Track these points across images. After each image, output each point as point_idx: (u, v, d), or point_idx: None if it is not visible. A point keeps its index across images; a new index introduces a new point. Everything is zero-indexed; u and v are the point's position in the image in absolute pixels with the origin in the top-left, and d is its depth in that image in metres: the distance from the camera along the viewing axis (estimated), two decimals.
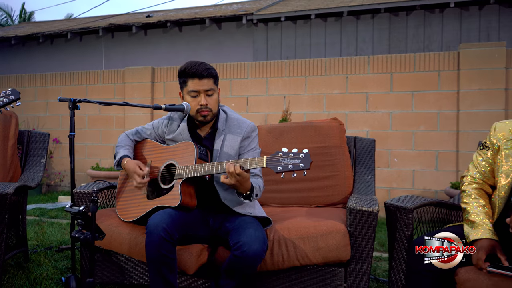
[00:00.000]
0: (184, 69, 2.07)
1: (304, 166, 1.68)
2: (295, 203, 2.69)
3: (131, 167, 2.09)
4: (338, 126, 2.78)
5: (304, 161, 1.68)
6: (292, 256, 1.98)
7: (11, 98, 2.11)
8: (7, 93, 2.11)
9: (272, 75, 5.42)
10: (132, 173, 2.09)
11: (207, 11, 7.99)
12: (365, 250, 1.98)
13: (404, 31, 6.13)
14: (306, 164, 1.68)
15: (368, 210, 1.94)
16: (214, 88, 2.09)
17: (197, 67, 2.05)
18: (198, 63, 2.07)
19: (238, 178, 1.81)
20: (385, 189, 4.96)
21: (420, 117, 4.83)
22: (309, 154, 1.68)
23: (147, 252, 1.87)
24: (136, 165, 2.09)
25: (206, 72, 2.04)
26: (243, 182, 1.84)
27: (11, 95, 2.11)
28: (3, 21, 17.25)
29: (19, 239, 2.92)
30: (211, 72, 2.07)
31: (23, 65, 8.37)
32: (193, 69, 2.05)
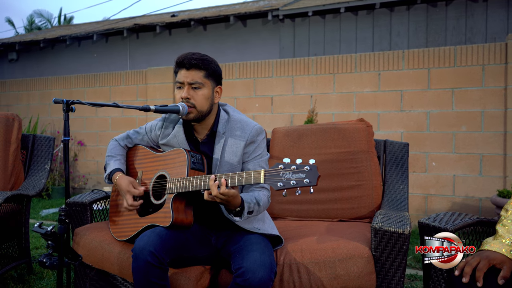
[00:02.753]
0: (176, 59, 1.81)
1: (309, 181, 1.36)
2: (315, 217, 2.36)
3: (124, 186, 1.83)
4: (365, 128, 2.43)
5: (310, 176, 1.36)
6: (305, 284, 1.66)
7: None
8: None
9: (298, 73, 5.09)
10: (124, 193, 1.83)
11: (232, 8, 7.76)
12: (394, 279, 1.63)
13: (443, 23, 5.63)
14: (312, 179, 1.36)
15: (397, 231, 1.59)
16: (203, 83, 1.79)
17: (187, 56, 1.77)
18: (191, 53, 1.79)
19: (222, 198, 1.55)
20: (421, 196, 4.52)
21: (462, 117, 4.36)
22: (316, 167, 1.36)
23: (134, 279, 1.62)
24: (129, 184, 1.83)
25: (195, 61, 1.76)
26: (230, 200, 1.57)
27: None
28: (44, 26, 17.80)
29: (21, 250, 2.75)
30: (202, 63, 1.77)
31: (52, 68, 8.43)
32: (182, 58, 1.78)
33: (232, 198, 1.57)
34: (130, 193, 1.82)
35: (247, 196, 1.70)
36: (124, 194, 1.84)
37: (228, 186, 1.56)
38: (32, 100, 6.99)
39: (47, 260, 1.36)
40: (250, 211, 1.67)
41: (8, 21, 18.95)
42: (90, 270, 2.08)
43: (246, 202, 1.65)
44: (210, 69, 1.81)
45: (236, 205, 1.61)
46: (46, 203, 5.63)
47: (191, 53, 1.81)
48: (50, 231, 1.35)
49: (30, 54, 8.77)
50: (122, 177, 1.88)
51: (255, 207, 1.68)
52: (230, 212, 1.67)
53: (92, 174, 6.47)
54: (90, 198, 2.15)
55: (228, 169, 1.81)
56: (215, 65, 1.84)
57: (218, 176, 1.59)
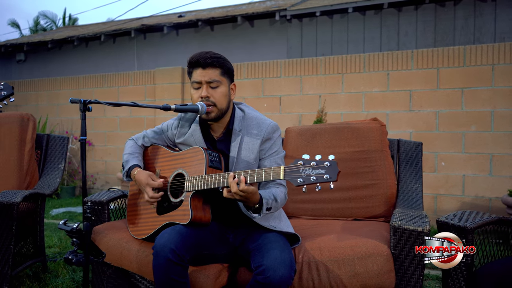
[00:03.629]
0: (190, 59, 1.82)
1: (330, 177, 1.37)
2: (330, 215, 2.37)
3: (143, 179, 1.85)
4: (379, 127, 2.44)
5: (330, 171, 1.37)
6: (325, 282, 1.67)
7: (3, 93, 1.91)
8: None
9: (307, 73, 5.10)
10: (144, 186, 1.84)
11: (240, 9, 7.77)
12: (413, 277, 1.64)
13: (451, 23, 5.62)
14: (332, 174, 1.37)
15: (417, 229, 1.60)
16: (220, 80, 1.80)
17: (201, 55, 1.78)
18: (204, 52, 1.80)
19: (242, 195, 1.55)
20: (431, 196, 4.52)
21: (471, 117, 4.36)
22: (336, 162, 1.37)
23: (155, 276, 1.63)
24: (148, 177, 1.85)
25: (210, 60, 1.77)
26: (249, 197, 1.58)
27: (3, 90, 1.92)
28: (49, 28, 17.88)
29: (36, 248, 2.77)
30: (217, 61, 1.79)
31: (60, 68, 8.47)
32: (196, 57, 1.79)
33: (251, 195, 1.58)
34: (149, 185, 1.83)
35: (265, 193, 1.71)
36: (143, 188, 1.85)
37: (247, 183, 1.57)
38: (41, 101, 7.03)
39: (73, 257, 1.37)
40: (269, 208, 1.68)
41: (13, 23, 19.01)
42: (107, 268, 2.10)
43: (265, 199, 1.65)
44: (225, 67, 1.83)
45: (255, 202, 1.62)
46: (56, 203, 5.66)
47: (204, 52, 1.82)
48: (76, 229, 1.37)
49: (37, 55, 8.82)
50: (141, 171, 1.89)
51: (273, 204, 1.69)
52: (248, 209, 1.68)
53: (101, 174, 6.50)
54: (108, 197, 2.17)
55: (244, 167, 1.82)
56: (228, 62, 1.86)
57: (237, 174, 1.61)
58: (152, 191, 1.83)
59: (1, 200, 2.12)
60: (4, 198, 2.15)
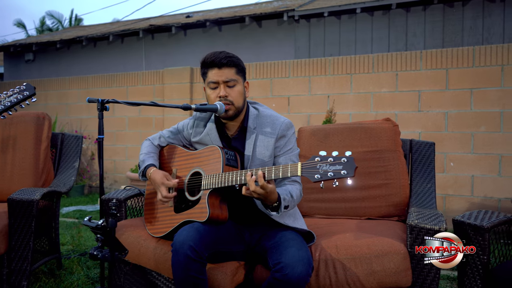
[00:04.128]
0: (204, 59, 1.84)
1: (347, 173, 1.39)
2: (343, 215, 2.39)
3: (158, 179, 1.88)
4: (392, 128, 2.46)
5: (347, 167, 1.39)
6: (342, 280, 1.70)
7: (26, 94, 1.95)
8: (21, 88, 1.95)
9: (315, 73, 5.12)
10: (158, 185, 1.87)
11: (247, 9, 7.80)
12: (429, 276, 1.66)
13: (460, 23, 5.62)
14: (349, 170, 1.39)
15: (433, 228, 1.62)
16: (237, 79, 1.84)
17: (216, 55, 1.81)
18: (219, 52, 1.83)
19: (261, 192, 1.57)
20: (440, 196, 4.52)
21: (480, 117, 4.36)
22: (353, 158, 1.39)
23: (173, 273, 1.66)
24: (164, 177, 1.87)
25: (225, 60, 1.80)
26: (267, 195, 1.59)
27: (26, 91, 1.96)
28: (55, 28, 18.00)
29: (52, 245, 2.82)
30: (232, 60, 1.82)
31: (68, 68, 8.53)
32: (211, 58, 1.81)
33: (269, 193, 1.59)
34: (164, 185, 1.86)
35: (281, 190, 1.72)
36: (158, 187, 1.88)
37: (265, 180, 1.58)
38: (50, 100, 7.09)
39: (98, 252, 1.41)
40: (286, 206, 1.70)
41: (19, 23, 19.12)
42: (125, 265, 2.13)
43: (282, 197, 1.67)
44: (240, 66, 1.86)
45: (273, 201, 1.64)
46: (65, 201, 5.71)
47: (217, 52, 1.85)
48: (100, 225, 1.40)
49: (46, 55, 8.89)
50: (156, 171, 1.92)
51: (290, 201, 1.72)
52: (267, 208, 1.70)
53: (109, 173, 6.55)
54: (125, 195, 2.20)
55: (259, 164, 1.85)
56: (241, 61, 1.89)
57: (254, 171, 1.63)
58: (166, 191, 1.86)
59: (21, 198, 2.16)
60: (24, 195, 2.19)
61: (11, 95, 1.91)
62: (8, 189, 2.66)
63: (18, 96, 1.91)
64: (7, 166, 2.75)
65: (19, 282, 2.16)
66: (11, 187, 2.66)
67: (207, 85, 1.87)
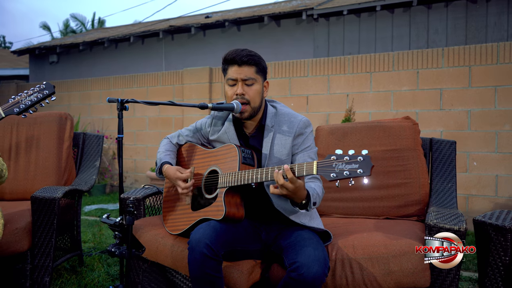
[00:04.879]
0: (226, 56, 1.85)
1: (363, 172, 1.36)
2: (361, 214, 2.37)
3: (171, 173, 1.90)
4: (411, 126, 2.42)
5: (363, 166, 1.36)
6: (358, 279, 1.68)
7: (45, 93, 1.99)
8: (41, 87, 2.00)
9: (334, 72, 5.08)
10: (174, 180, 1.89)
11: (266, 8, 7.80)
12: (449, 277, 1.63)
13: (483, 19, 5.48)
14: (366, 169, 1.36)
15: (453, 228, 1.59)
16: (256, 78, 1.83)
17: (237, 52, 1.81)
18: (240, 49, 1.82)
19: (290, 187, 1.54)
20: (463, 196, 4.42)
21: (505, 115, 4.24)
22: (369, 157, 1.36)
23: (190, 270, 1.68)
24: (176, 170, 1.89)
25: (246, 58, 1.79)
26: (296, 191, 1.56)
27: (45, 90, 2.00)
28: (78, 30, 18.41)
29: (73, 242, 2.88)
30: (253, 59, 1.81)
31: (91, 69, 8.71)
32: (232, 55, 1.81)
33: (298, 189, 1.56)
34: (178, 178, 1.87)
35: (307, 187, 1.69)
36: (174, 181, 1.89)
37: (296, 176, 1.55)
38: (73, 101, 7.25)
39: (116, 249, 1.43)
40: (314, 202, 1.67)
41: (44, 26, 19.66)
42: (143, 263, 2.16)
43: (311, 195, 1.64)
44: (260, 65, 1.85)
45: (302, 197, 1.60)
46: (88, 200, 5.83)
47: (239, 49, 1.85)
48: (118, 222, 1.42)
49: (69, 56, 9.09)
50: (170, 167, 1.94)
51: (318, 198, 1.69)
52: (295, 205, 1.66)
53: (130, 172, 6.65)
54: (143, 193, 2.24)
55: (276, 163, 1.84)
56: (263, 60, 1.88)
57: (270, 169, 1.62)
58: (183, 182, 1.86)
59: (44, 196, 2.22)
60: (46, 193, 2.24)
61: (31, 94, 1.96)
62: (32, 187, 2.74)
63: (38, 95, 1.96)
64: (30, 166, 2.83)
65: (41, 278, 2.22)
66: (34, 186, 2.74)
67: (226, 82, 1.88)
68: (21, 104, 1.95)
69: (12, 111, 1.94)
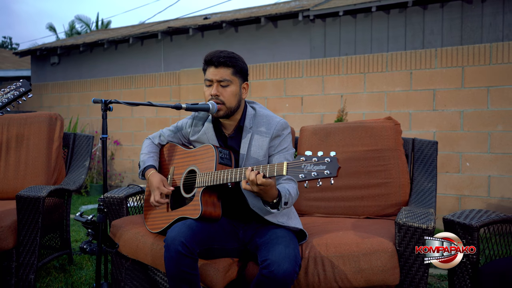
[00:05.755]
0: (205, 57, 1.88)
1: (330, 173, 1.39)
2: (342, 213, 2.39)
3: (155, 183, 1.93)
4: (393, 126, 2.44)
5: (330, 167, 1.40)
6: (330, 277, 1.71)
7: (22, 90, 2.03)
8: (17, 85, 2.03)
9: (328, 73, 5.10)
10: (154, 189, 1.92)
11: (264, 10, 7.83)
12: (418, 274, 1.65)
13: (479, 20, 5.48)
14: (332, 170, 1.39)
15: (421, 227, 1.61)
16: (231, 80, 1.86)
17: (215, 54, 1.84)
18: (220, 51, 1.86)
19: (260, 188, 1.58)
20: (455, 197, 4.43)
21: (498, 116, 4.24)
22: (337, 158, 1.39)
23: (166, 268, 1.71)
24: (160, 182, 1.92)
25: (223, 59, 1.82)
26: (267, 190, 1.59)
27: (22, 87, 2.03)
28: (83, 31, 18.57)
29: (63, 241, 2.92)
30: (230, 60, 1.84)
31: (91, 70, 8.78)
32: (210, 56, 1.85)
33: (269, 187, 1.59)
34: (159, 190, 1.91)
35: (280, 187, 1.73)
36: (153, 190, 1.93)
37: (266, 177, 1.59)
38: (72, 102, 7.32)
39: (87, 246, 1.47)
40: (286, 202, 1.70)
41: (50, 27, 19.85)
42: (125, 261, 2.20)
43: (282, 193, 1.68)
44: (238, 67, 1.88)
45: (273, 196, 1.64)
46: (85, 200, 5.89)
47: (219, 51, 1.88)
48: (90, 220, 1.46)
49: (70, 58, 9.17)
50: (155, 174, 1.97)
51: (289, 198, 1.72)
52: (267, 204, 1.69)
53: (128, 172, 6.71)
54: (126, 193, 2.27)
55: (253, 163, 1.87)
56: (242, 62, 1.90)
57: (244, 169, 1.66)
58: (159, 196, 1.91)
59: (29, 195, 2.26)
60: (31, 192, 2.29)
61: (8, 92, 2.00)
62: (22, 186, 2.78)
63: (14, 93, 2.00)
64: (20, 165, 2.88)
65: (26, 275, 2.26)
66: (24, 185, 2.79)
67: (204, 82, 1.92)
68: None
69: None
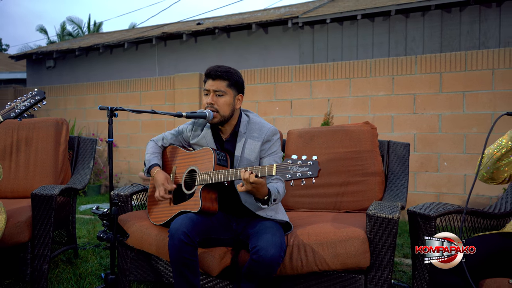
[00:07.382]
0: (205, 71, 2.17)
1: (312, 173, 1.67)
2: (325, 208, 2.67)
3: (160, 180, 2.20)
4: (370, 130, 2.73)
5: (312, 169, 1.68)
6: (311, 261, 1.98)
7: (37, 98, 2.28)
8: (33, 94, 2.29)
9: (316, 78, 5.39)
10: (159, 185, 2.19)
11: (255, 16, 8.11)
12: (385, 258, 1.93)
13: (457, 28, 5.81)
14: (314, 171, 1.67)
15: (387, 217, 1.89)
16: (226, 91, 2.13)
17: (214, 68, 2.13)
18: (217, 66, 2.15)
19: (253, 185, 1.85)
20: (434, 195, 4.74)
21: (473, 119, 4.57)
22: (318, 162, 1.68)
23: (169, 255, 1.97)
24: (165, 179, 2.19)
25: (220, 73, 2.11)
26: (259, 188, 1.87)
27: (37, 95, 2.29)
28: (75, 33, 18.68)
29: (69, 236, 3.17)
30: (226, 74, 2.12)
31: (86, 74, 8.99)
32: (209, 70, 2.14)
33: (261, 186, 1.86)
34: (164, 186, 2.18)
35: (270, 186, 2.02)
36: (158, 186, 2.20)
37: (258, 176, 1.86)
38: (69, 105, 7.53)
39: (104, 235, 1.72)
40: (275, 199, 1.98)
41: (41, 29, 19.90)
42: (130, 252, 2.46)
43: (271, 191, 1.96)
44: (232, 80, 2.16)
45: (264, 194, 1.91)
46: (83, 200, 6.11)
47: (217, 66, 2.17)
48: (106, 212, 1.71)
49: (66, 61, 9.37)
50: (160, 172, 2.24)
51: (278, 195, 2.00)
52: (258, 201, 1.96)
53: (124, 174, 6.93)
54: (131, 190, 2.53)
55: (246, 164, 2.15)
56: (237, 76, 2.18)
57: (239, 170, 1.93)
58: (164, 191, 2.18)
59: (43, 193, 2.50)
60: (45, 191, 2.53)
61: (25, 100, 2.25)
62: (31, 186, 3.02)
63: (31, 101, 2.26)
64: (30, 166, 3.11)
65: (41, 266, 2.51)
66: (33, 185, 3.02)
67: (203, 92, 2.20)
68: (16, 109, 2.24)
69: (9, 115, 2.23)
